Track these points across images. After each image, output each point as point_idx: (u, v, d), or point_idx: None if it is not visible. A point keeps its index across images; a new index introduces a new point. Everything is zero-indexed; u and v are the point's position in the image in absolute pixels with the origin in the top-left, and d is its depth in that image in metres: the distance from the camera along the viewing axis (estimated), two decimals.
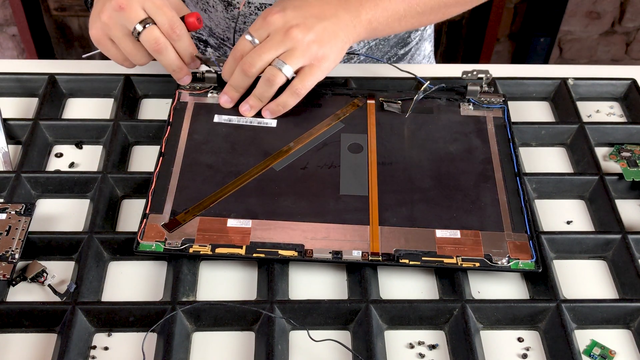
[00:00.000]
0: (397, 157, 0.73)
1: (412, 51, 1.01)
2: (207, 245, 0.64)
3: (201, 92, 0.79)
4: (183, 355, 0.59)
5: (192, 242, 0.64)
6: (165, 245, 0.64)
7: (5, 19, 1.97)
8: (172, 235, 0.65)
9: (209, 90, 0.79)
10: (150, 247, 0.64)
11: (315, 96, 0.79)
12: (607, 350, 0.61)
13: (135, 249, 0.64)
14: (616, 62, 2.17)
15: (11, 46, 2.05)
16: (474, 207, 0.69)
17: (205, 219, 0.66)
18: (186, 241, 0.64)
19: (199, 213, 0.67)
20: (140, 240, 0.64)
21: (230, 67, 0.75)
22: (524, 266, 0.64)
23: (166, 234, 0.65)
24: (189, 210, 0.67)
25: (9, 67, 0.85)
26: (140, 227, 0.65)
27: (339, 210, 0.68)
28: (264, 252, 0.64)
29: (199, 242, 0.64)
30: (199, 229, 0.65)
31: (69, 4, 1.88)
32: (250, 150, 0.73)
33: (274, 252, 0.64)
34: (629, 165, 0.75)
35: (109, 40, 0.74)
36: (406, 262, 0.64)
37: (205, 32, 0.98)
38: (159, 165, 0.71)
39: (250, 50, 0.72)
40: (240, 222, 0.66)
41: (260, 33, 0.72)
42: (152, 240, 0.64)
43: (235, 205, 0.68)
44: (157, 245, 0.64)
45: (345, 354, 0.60)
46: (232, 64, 0.74)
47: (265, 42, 0.72)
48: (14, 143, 0.77)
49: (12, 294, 0.63)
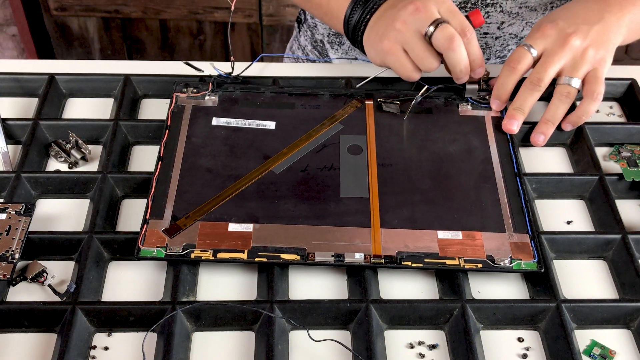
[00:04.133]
0: (397, 158, 0.73)
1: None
2: (209, 251, 0.64)
3: (198, 94, 0.79)
4: (183, 355, 0.59)
5: (194, 248, 0.64)
6: (166, 251, 0.64)
7: (5, 19, 1.97)
8: (173, 240, 0.65)
9: (206, 93, 0.79)
10: (151, 253, 0.64)
11: (313, 98, 0.79)
12: (607, 350, 0.61)
13: (137, 255, 0.64)
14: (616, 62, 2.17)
15: (11, 46, 2.05)
16: (475, 207, 0.68)
17: (206, 224, 0.66)
18: (188, 246, 0.64)
19: (200, 218, 0.66)
20: (141, 246, 0.64)
21: (507, 78, 0.76)
22: (526, 266, 0.64)
23: (167, 240, 0.65)
24: (189, 215, 0.67)
25: (8, 67, 0.84)
26: (140, 232, 0.65)
27: (340, 212, 0.68)
28: (266, 257, 0.64)
29: (201, 247, 0.64)
30: (200, 234, 0.65)
31: (69, 4, 1.88)
32: (250, 153, 0.73)
33: (276, 256, 0.64)
34: (629, 165, 0.75)
35: (401, 50, 0.75)
36: (409, 265, 0.64)
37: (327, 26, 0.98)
38: (158, 170, 0.71)
39: (525, 59, 0.75)
40: (241, 226, 0.66)
41: (538, 43, 0.75)
42: (153, 246, 0.64)
43: (235, 209, 0.67)
44: (158, 251, 0.64)
45: (345, 354, 0.60)
46: (509, 73, 0.75)
47: (548, 56, 0.74)
48: (14, 143, 0.77)
49: (12, 294, 0.63)
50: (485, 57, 0.97)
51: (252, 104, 0.78)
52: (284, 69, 0.90)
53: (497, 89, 0.77)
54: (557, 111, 0.76)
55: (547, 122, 0.76)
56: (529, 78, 0.75)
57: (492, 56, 0.97)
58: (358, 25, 0.78)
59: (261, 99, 0.79)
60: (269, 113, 0.77)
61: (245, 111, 0.77)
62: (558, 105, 0.76)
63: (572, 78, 0.74)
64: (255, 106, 0.78)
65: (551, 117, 0.76)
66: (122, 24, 1.93)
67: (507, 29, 0.92)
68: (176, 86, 0.79)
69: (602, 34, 0.75)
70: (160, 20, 1.91)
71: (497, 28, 0.92)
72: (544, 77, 0.74)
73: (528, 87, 0.75)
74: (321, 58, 1.03)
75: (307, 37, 1.05)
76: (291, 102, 0.78)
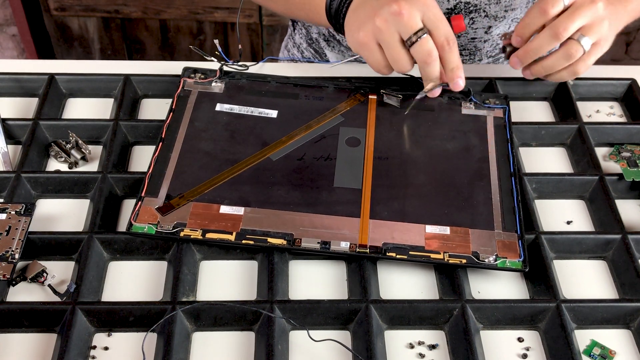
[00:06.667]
0: (394, 152, 0.73)
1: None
2: (198, 230, 0.65)
3: (205, 81, 0.80)
4: (183, 355, 0.59)
5: (184, 227, 0.65)
6: (157, 228, 0.65)
7: (5, 19, 1.97)
8: (164, 218, 0.66)
9: (213, 80, 0.80)
10: (142, 229, 0.65)
11: (317, 89, 0.79)
12: (607, 350, 0.61)
13: (128, 230, 0.65)
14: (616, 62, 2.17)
15: (11, 46, 2.05)
16: (466, 204, 0.69)
17: (198, 205, 0.67)
18: (178, 225, 0.65)
19: (193, 198, 0.68)
20: (134, 222, 0.65)
21: (535, 19, 0.75)
22: (511, 265, 0.64)
23: (159, 217, 0.66)
24: (183, 195, 0.68)
25: (8, 67, 0.84)
26: (134, 209, 0.66)
27: (331, 201, 0.68)
28: (253, 239, 0.65)
29: (191, 227, 0.65)
30: (191, 213, 0.66)
31: (69, 4, 1.88)
32: (249, 139, 0.74)
33: (263, 240, 0.65)
34: (629, 165, 0.75)
35: (376, 45, 0.73)
36: (393, 256, 0.64)
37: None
38: (157, 150, 0.72)
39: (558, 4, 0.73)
40: (232, 209, 0.67)
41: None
42: (145, 223, 0.65)
43: (229, 193, 0.68)
44: (149, 227, 0.65)
45: (345, 354, 0.60)
46: (538, 15, 0.74)
47: (577, 8, 0.73)
48: (14, 143, 0.77)
49: (12, 294, 0.63)
50: (477, 58, 0.96)
51: (257, 93, 0.79)
52: (284, 69, 0.90)
53: (521, 27, 0.76)
54: (555, 64, 0.75)
55: (544, 68, 0.76)
56: (552, 27, 0.73)
57: (483, 57, 0.96)
58: (340, 8, 0.77)
59: (266, 88, 0.80)
60: (272, 102, 0.78)
61: (249, 99, 0.78)
62: (560, 60, 0.75)
63: (584, 37, 0.74)
64: (260, 95, 0.79)
65: (547, 67, 0.76)
66: (122, 24, 1.93)
67: (495, 31, 0.92)
68: (185, 72, 0.81)
69: (616, 14, 0.76)
70: (160, 20, 1.91)
71: (485, 32, 0.92)
72: (569, 27, 0.73)
73: (550, 35, 0.74)
74: (317, 56, 1.03)
75: (302, 35, 1.05)
76: (295, 93, 0.79)
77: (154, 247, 0.67)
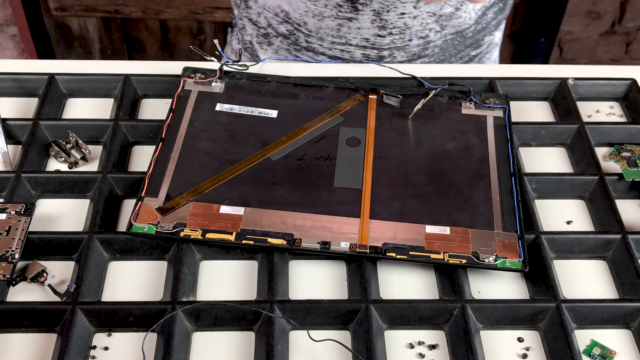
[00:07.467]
0: (394, 152, 0.73)
1: (482, 54, 1.01)
2: (198, 230, 0.65)
3: (205, 81, 0.80)
4: (183, 355, 0.59)
5: (184, 227, 0.65)
6: (157, 228, 0.65)
7: (5, 19, 1.97)
8: (165, 218, 0.66)
9: (213, 80, 0.80)
10: (142, 229, 0.65)
11: (317, 89, 0.80)
12: (607, 350, 0.61)
13: (128, 230, 0.65)
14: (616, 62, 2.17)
15: (11, 46, 2.05)
16: (466, 204, 0.69)
17: (198, 205, 0.67)
18: (178, 225, 0.65)
19: (193, 198, 0.68)
20: (134, 222, 0.65)
21: None
22: (511, 265, 0.64)
23: (159, 217, 0.66)
24: (183, 195, 0.68)
25: (8, 67, 0.84)
26: (134, 209, 0.66)
27: (331, 202, 0.68)
28: (253, 240, 0.65)
29: (191, 227, 0.65)
30: (191, 213, 0.66)
31: (69, 4, 1.88)
32: (249, 139, 0.74)
33: (263, 240, 0.65)
34: (629, 165, 0.75)
35: None
36: (393, 256, 0.64)
37: (280, 17, 0.97)
38: (157, 150, 0.72)
39: None
40: (232, 209, 0.67)
41: None
42: (145, 223, 0.65)
43: (229, 193, 0.68)
44: (149, 227, 0.65)
45: (345, 354, 0.60)
46: None
47: None
48: (14, 143, 0.77)
49: (12, 294, 0.63)
50: (407, 38, 0.95)
51: (257, 93, 0.79)
52: (284, 69, 0.90)
53: None
54: None
55: None
56: None
57: (413, 37, 0.95)
58: None
59: (266, 87, 0.80)
60: (272, 102, 0.78)
61: (249, 99, 0.78)
62: None
63: None
64: (260, 95, 0.79)
65: None
66: (122, 24, 1.93)
67: (424, 7, 0.90)
68: (185, 72, 0.81)
69: None
70: (160, 20, 1.91)
71: (414, 7, 0.90)
72: None
73: None
74: (252, 60, 1.02)
75: (237, 40, 1.05)
76: (295, 93, 0.80)
77: (154, 247, 0.67)
